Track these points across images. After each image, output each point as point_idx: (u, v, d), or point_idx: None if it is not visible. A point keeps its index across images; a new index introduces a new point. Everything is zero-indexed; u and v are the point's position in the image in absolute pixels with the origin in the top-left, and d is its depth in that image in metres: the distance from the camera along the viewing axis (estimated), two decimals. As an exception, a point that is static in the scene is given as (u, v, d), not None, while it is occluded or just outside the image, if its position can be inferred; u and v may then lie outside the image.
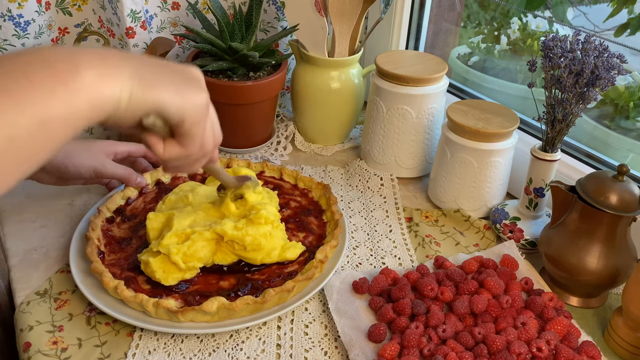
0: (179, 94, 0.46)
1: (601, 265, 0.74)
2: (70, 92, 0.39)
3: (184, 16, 1.05)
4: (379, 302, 0.74)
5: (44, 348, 0.69)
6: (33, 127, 0.37)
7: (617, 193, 0.72)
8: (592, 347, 0.68)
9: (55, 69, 0.39)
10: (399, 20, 1.15)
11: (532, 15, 1.38)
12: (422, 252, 0.87)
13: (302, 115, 1.11)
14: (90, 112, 0.41)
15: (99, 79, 0.41)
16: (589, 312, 0.78)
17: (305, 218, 0.87)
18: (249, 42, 1.02)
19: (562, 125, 0.79)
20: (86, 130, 1.09)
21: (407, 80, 0.95)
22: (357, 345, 0.69)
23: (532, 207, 0.87)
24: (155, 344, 0.70)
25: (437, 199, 0.97)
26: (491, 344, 0.66)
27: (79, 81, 0.40)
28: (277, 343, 0.71)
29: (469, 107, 0.92)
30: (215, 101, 1.01)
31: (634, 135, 1.13)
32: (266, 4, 1.11)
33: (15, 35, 0.92)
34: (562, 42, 0.77)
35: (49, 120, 0.38)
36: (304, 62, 1.07)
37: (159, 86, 0.45)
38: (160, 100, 0.45)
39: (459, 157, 0.90)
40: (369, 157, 1.05)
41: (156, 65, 0.47)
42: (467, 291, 0.74)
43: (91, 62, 0.41)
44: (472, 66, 1.39)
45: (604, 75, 0.74)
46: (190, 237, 0.74)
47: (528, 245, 0.87)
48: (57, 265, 0.80)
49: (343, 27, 1.04)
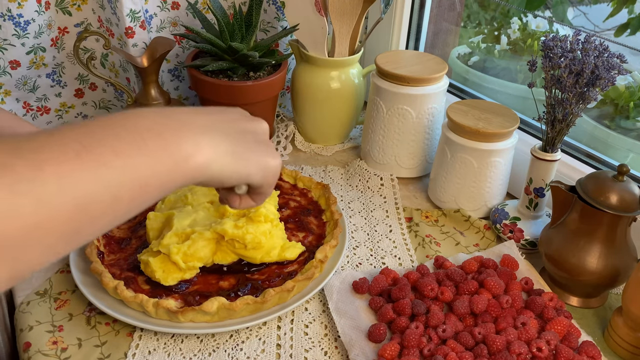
0: (262, 166, 0.51)
1: (601, 265, 0.74)
2: (172, 163, 0.42)
3: (183, 16, 1.05)
4: (379, 302, 0.74)
5: (44, 348, 0.69)
6: (135, 189, 0.40)
7: (617, 193, 0.72)
8: (592, 347, 0.68)
9: (164, 140, 0.42)
10: (399, 20, 1.14)
11: (532, 15, 1.38)
12: (422, 252, 0.87)
13: (302, 115, 1.11)
14: (184, 180, 0.44)
15: (198, 154, 0.44)
16: (589, 312, 0.78)
17: (304, 218, 0.87)
18: (249, 42, 1.02)
19: (562, 125, 0.79)
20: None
21: (407, 80, 0.95)
22: (357, 345, 0.69)
23: (532, 207, 0.87)
24: (155, 344, 0.70)
25: (437, 199, 0.97)
26: (491, 344, 0.66)
27: (183, 152, 0.43)
28: (277, 343, 0.71)
29: (469, 107, 0.92)
30: (215, 101, 1.01)
31: (634, 135, 1.13)
32: (266, 4, 1.11)
33: (15, 35, 0.92)
34: (562, 42, 0.77)
35: (149, 185, 0.41)
36: (304, 62, 1.07)
37: (248, 159, 0.49)
38: (247, 174, 0.50)
39: (459, 157, 0.90)
40: (369, 157, 1.05)
41: (244, 133, 0.51)
42: (467, 291, 0.74)
43: (195, 136, 0.45)
44: (472, 66, 1.39)
45: (604, 75, 0.74)
46: (191, 237, 0.74)
47: (528, 245, 0.87)
48: (57, 265, 0.80)
49: (343, 27, 1.04)
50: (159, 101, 0.98)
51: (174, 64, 1.09)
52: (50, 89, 1.02)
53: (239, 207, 0.56)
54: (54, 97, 1.03)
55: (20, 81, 0.97)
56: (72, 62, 1.02)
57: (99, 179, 0.37)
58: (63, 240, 0.37)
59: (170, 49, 0.96)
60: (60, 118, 1.05)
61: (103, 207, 0.38)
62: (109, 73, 1.08)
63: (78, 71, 1.04)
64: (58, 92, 1.03)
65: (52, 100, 1.03)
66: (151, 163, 0.41)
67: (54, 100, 1.03)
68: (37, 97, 1.01)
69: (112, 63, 1.07)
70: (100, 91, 1.08)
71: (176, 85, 1.12)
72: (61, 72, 1.02)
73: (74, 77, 1.04)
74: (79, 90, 1.06)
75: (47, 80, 1.01)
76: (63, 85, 1.03)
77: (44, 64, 0.98)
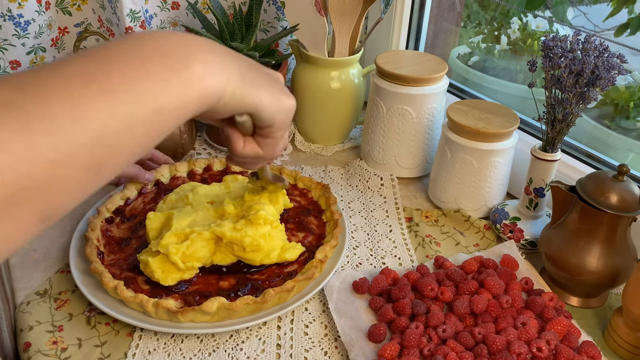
0: (274, 98, 0.48)
1: (601, 265, 0.74)
2: (183, 84, 0.40)
3: (183, 16, 1.05)
4: (379, 302, 0.74)
5: (44, 348, 0.69)
6: (148, 116, 0.38)
7: (617, 193, 0.72)
8: (592, 347, 0.68)
9: (170, 59, 0.40)
10: (399, 20, 1.15)
11: (532, 15, 1.38)
12: (422, 252, 0.87)
13: (302, 115, 1.11)
14: (198, 103, 0.42)
15: (208, 72, 0.42)
16: (589, 312, 0.78)
17: (304, 218, 0.87)
18: (249, 42, 1.02)
19: (562, 125, 0.79)
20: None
21: (407, 80, 0.95)
22: (357, 345, 0.69)
23: (532, 207, 0.87)
24: (155, 344, 0.70)
25: (437, 199, 0.97)
26: (491, 344, 0.66)
27: (192, 73, 0.41)
28: (277, 343, 0.71)
29: (469, 107, 0.92)
30: (215, 101, 1.01)
31: (634, 135, 1.13)
32: (266, 4, 1.11)
33: (15, 35, 0.92)
34: (562, 42, 0.77)
35: (162, 110, 0.39)
36: (304, 62, 1.07)
37: (259, 87, 0.47)
38: (258, 101, 0.47)
39: (459, 157, 0.90)
40: (369, 157, 1.05)
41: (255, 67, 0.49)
42: (467, 291, 0.74)
43: (203, 54, 0.43)
44: (472, 66, 1.39)
45: (604, 75, 0.74)
46: (189, 237, 0.74)
47: (528, 245, 0.87)
48: (57, 266, 0.80)
49: (343, 27, 1.04)
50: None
51: (174, 64, 1.09)
52: (50, 89, 1.02)
53: (242, 150, 0.53)
54: (54, 97, 1.03)
55: (20, 81, 0.97)
56: (72, 62, 1.02)
57: (111, 108, 0.36)
58: (88, 175, 0.36)
59: (170, 49, 0.95)
60: (60, 118, 1.05)
61: (120, 137, 0.37)
62: (109, 73, 1.08)
63: (78, 71, 1.04)
64: (58, 92, 1.03)
65: (52, 100, 1.03)
66: (161, 86, 0.39)
67: (54, 100, 1.03)
68: (37, 97, 1.01)
69: (112, 63, 1.07)
70: (100, 91, 1.08)
71: (176, 85, 1.12)
72: (61, 72, 1.02)
73: (74, 77, 1.04)
74: (79, 90, 1.05)
75: (47, 80, 1.01)
76: (63, 85, 1.03)
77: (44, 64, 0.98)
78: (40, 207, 0.33)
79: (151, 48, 0.40)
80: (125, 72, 0.38)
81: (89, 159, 0.35)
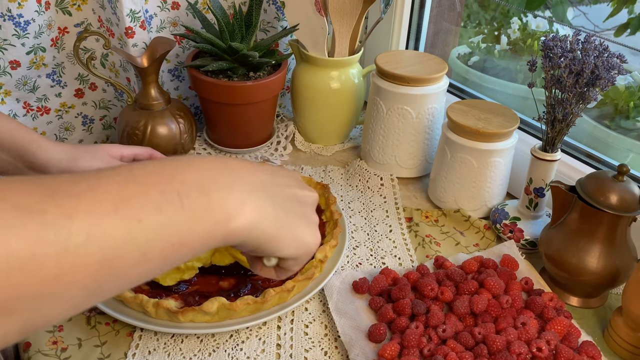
0: (297, 240, 0.47)
1: (601, 265, 0.74)
2: (215, 225, 0.39)
3: (183, 16, 1.05)
4: (379, 302, 0.74)
5: (44, 348, 0.69)
6: (167, 249, 0.37)
7: (617, 193, 0.72)
8: (592, 347, 0.68)
9: (208, 196, 0.39)
10: (399, 20, 1.15)
11: (532, 15, 1.38)
12: (422, 252, 0.87)
13: (302, 115, 1.11)
14: (221, 241, 0.41)
15: (241, 217, 0.41)
16: (589, 312, 0.78)
17: (305, 218, 0.87)
18: (249, 42, 1.02)
19: (562, 125, 0.79)
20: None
21: (407, 80, 0.95)
22: (357, 345, 0.69)
23: (532, 207, 0.87)
24: (155, 344, 0.70)
25: (437, 199, 0.97)
26: (491, 344, 0.66)
27: (225, 213, 0.40)
28: (277, 343, 0.71)
29: (469, 107, 0.92)
30: (215, 101, 1.01)
31: (634, 135, 1.13)
32: (266, 4, 1.11)
33: (15, 35, 0.92)
34: (562, 42, 0.77)
35: (182, 246, 0.38)
36: (304, 62, 1.07)
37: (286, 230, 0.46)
38: (280, 251, 0.46)
39: (459, 157, 0.90)
40: (369, 157, 1.05)
41: (289, 202, 0.47)
42: (467, 291, 0.74)
43: (241, 195, 0.42)
44: (472, 66, 1.39)
45: (604, 75, 0.74)
46: (190, 237, 0.74)
47: (528, 245, 0.87)
48: (57, 265, 0.80)
49: (343, 27, 1.04)
50: (159, 101, 0.98)
51: (174, 64, 1.09)
52: (50, 89, 1.02)
53: (259, 273, 0.52)
54: (54, 97, 1.03)
55: (20, 81, 0.97)
56: (72, 62, 1.02)
57: (130, 234, 0.35)
58: (84, 295, 0.34)
59: (170, 49, 0.96)
60: (60, 118, 1.05)
61: (130, 263, 0.36)
62: (109, 73, 1.08)
63: (78, 71, 1.04)
64: (58, 92, 1.03)
65: (52, 101, 1.03)
66: (190, 223, 0.38)
67: (54, 100, 1.03)
68: (37, 97, 1.01)
69: (112, 63, 1.07)
70: (100, 91, 1.08)
71: (176, 85, 1.12)
72: (61, 72, 1.02)
73: (74, 77, 1.04)
74: (79, 90, 1.05)
75: (47, 81, 1.01)
76: (63, 85, 1.03)
77: (44, 64, 0.98)
78: (26, 317, 0.32)
79: (195, 180, 0.39)
80: (160, 204, 0.37)
81: (92, 278, 0.34)
